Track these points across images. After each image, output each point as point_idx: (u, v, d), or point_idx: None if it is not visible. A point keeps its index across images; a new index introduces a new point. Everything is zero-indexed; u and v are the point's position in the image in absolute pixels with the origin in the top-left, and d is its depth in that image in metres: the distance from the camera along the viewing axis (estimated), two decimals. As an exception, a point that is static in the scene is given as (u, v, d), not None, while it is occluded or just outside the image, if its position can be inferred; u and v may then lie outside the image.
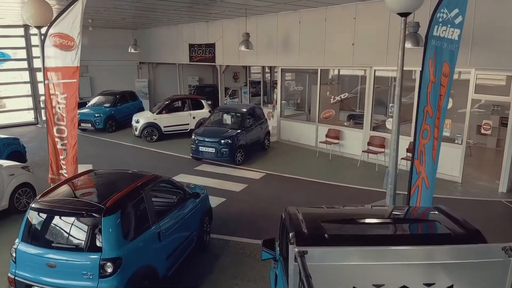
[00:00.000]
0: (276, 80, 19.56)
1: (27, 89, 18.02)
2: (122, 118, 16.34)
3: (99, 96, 17.13)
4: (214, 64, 16.40)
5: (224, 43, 15.58)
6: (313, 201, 8.42)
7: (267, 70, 18.70)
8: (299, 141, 13.41)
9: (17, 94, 18.26)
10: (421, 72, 4.86)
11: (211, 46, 16.18)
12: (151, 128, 14.15)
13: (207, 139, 10.93)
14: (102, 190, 5.05)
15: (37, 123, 17.97)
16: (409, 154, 10.27)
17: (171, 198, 5.53)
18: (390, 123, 10.74)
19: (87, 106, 16.66)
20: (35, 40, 17.74)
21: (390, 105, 10.89)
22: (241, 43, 12.19)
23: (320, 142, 12.14)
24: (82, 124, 15.80)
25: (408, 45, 8.59)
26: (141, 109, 17.68)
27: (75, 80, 6.89)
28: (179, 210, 5.43)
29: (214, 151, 10.80)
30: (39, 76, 18.22)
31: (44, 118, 18.64)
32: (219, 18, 15.07)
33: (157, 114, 14.29)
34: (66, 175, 7.10)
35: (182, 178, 9.95)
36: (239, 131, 11.22)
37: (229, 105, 12.64)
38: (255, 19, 13.86)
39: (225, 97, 19.52)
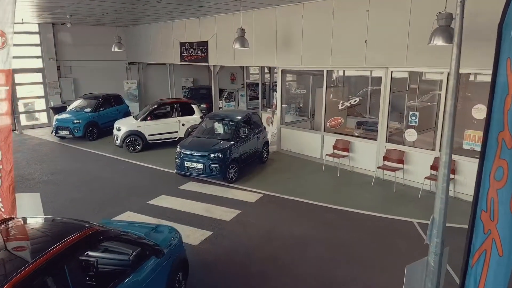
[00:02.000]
0: (276, 82, 18.03)
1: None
2: (105, 125, 14.72)
3: (80, 100, 15.50)
4: (207, 64, 14.75)
5: (218, 41, 13.94)
6: (321, 236, 6.77)
7: (266, 70, 17.03)
8: (302, 152, 11.76)
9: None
10: (493, 81, 3.16)
11: (204, 44, 14.54)
12: (134, 137, 12.50)
13: (194, 153, 9.28)
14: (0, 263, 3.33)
15: (15, 129, 16.32)
16: (434, 173, 8.64)
17: (120, 259, 3.86)
18: (410, 135, 9.09)
19: (66, 111, 15.03)
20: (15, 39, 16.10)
21: (411, 113, 9.22)
22: (236, 41, 10.54)
23: (327, 155, 10.47)
24: (60, 132, 14.25)
25: (439, 41, 6.96)
26: (127, 114, 16.04)
27: (8, 88, 5.25)
28: (133, 277, 3.74)
29: (202, 167, 9.14)
30: (18, 77, 16.65)
31: (22, 123, 17.33)
32: (212, 13, 13.42)
33: (141, 121, 12.64)
34: (2, 209, 5.52)
35: (161, 201, 8.31)
36: (232, 142, 9.56)
37: (221, 112, 11.00)
38: (251, 14, 12.22)
39: (220, 100, 17.89)
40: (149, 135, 12.64)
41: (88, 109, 14.78)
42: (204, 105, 19.02)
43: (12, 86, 15.76)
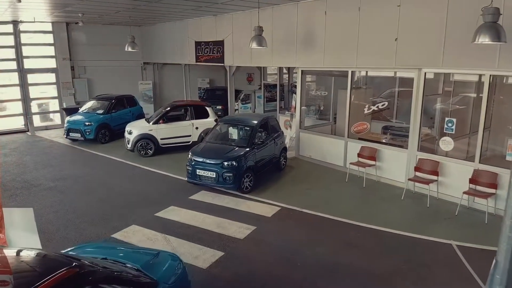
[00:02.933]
0: (295, 83, 17.21)
1: (16, 92, 16.12)
2: (118, 127, 14.19)
3: (93, 101, 15.06)
4: (222, 64, 14.06)
5: (235, 40, 13.23)
6: (349, 263, 5.94)
7: (284, 71, 16.23)
8: (324, 159, 10.92)
9: (5, 98, 16.43)
10: None
11: (220, 44, 13.86)
12: (145, 140, 11.92)
13: (206, 160, 8.58)
14: None
15: (27, 131, 16.05)
16: (473, 187, 7.69)
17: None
18: (446, 144, 8.16)
19: (78, 112, 14.60)
20: (25, 38, 15.85)
21: (446, 119, 8.27)
22: (253, 39, 9.80)
23: (351, 163, 9.60)
24: (71, 134, 13.83)
25: (485, 39, 6.05)
26: (140, 115, 15.52)
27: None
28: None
29: (214, 176, 8.43)
30: (30, 78, 16.38)
31: (37, 124, 17.02)
32: (228, 11, 12.74)
33: (153, 124, 12.04)
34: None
35: (170, 213, 7.66)
36: (247, 149, 8.82)
37: (236, 116, 10.23)
38: (270, 11, 11.46)
39: (236, 102, 17.18)
40: (161, 139, 12.04)
41: (101, 111, 14.31)
42: (220, 107, 18.39)
43: (25, 86, 15.56)
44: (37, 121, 17.28)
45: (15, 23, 15.12)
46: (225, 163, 8.37)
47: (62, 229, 7.06)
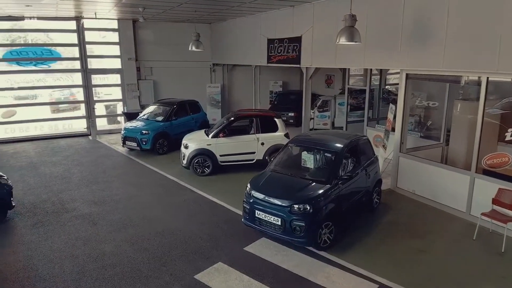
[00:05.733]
0: (389, 89, 14.02)
1: (79, 93, 15.42)
2: (177, 136, 12.33)
3: (153, 106, 13.58)
4: (298, 66, 11.56)
5: (315, 36, 10.66)
6: None
7: (374, 71, 13.07)
8: (434, 198, 7.88)
9: (70, 100, 15.88)
10: None
11: (296, 41, 11.37)
12: (202, 157, 9.94)
13: (270, 199, 6.17)
14: None
15: (89, 134, 15.22)
16: None
17: None
18: None
19: (137, 118, 13.21)
20: (90, 36, 14.98)
21: None
22: (342, 33, 7.18)
23: (484, 214, 6.46)
24: (128, 143, 12.43)
25: None
26: (204, 124, 13.77)
27: None
28: None
29: (280, 224, 5.98)
30: (94, 78, 15.55)
31: (99, 128, 16.23)
32: (310, 0, 10.24)
33: (212, 137, 10.01)
34: None
35: (214, 277, 5.40)
36: (328, 186, 6.21)
37: (313, 135, 7.51)
38: (365, -4, 8.69)
39: (312, 109, 14.55)
40: (220, 156, 9.97)
41: (160, 118, 12.74)
42: (292, 114, 15.98)
43: (89, 87, 14.67)
44: (104, 123, 16.57)
45: (78, 19, 14.26)
46: (295, 207, 5.88)
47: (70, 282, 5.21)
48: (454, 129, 8.98)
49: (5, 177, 7.37)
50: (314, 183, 6.29)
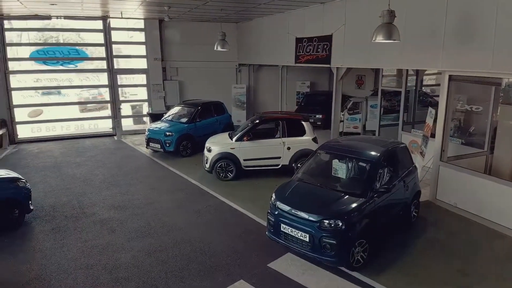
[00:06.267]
0: (425, 91, 13.10)
1: (107, 93, 15.39)
2: (201, 138, 11.93)
3: (178, 107, 13.30)
4: (329, 66, 10.94)
5: (347, 34, 10.02)
6: None
7: (410, 71, 12.20)
8: (480, 213, 7.11)
9: (98, 99, 15.90)
10: None
11: (327, 39, 10.76)
12: (226, 161, 9.51)
13: (296, 212, 5.63)
14: None
15: (115, 135, 15.15)
16: None
17: None
18: None
19: (161, 119, 12.96)
20: (116, 35, 14.89)
21: None
22: (379, 30, 6.55)
23: (542, 235, 5.69)
24: (151, 144, 12.18)
25: None
26: (228, 126, 13.35)
27: None
28: None
29: (308, 240, 5.44)
30: (120, 78, 15.48)
31: (124, 128, 16.16)
32: (341, -5, 9.61)
33: (236, 141, 9.57)
34: None
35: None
36: (362, 200, 5.61)
37: (344, 142, 6.75)
38: (404, -11, 7.98)
39: (342, 112, 13.80)
40: (244, 160, 9.51)
41: (184, 119, 12.43)
42: (320, 116, 15.32)
43: (114, 88, 14.61)
44: (130, 123, 16.49)
45: (105, 18, 14.18)
46: (326, 222, 5.31)
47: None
48: (499, 136, 8.17)
49: (24, 180, 7.18)
50: (346, 196, 5.70)
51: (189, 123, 12.27)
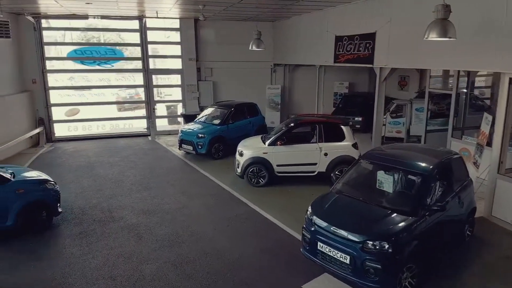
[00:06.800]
0: (476, 94, 11.97)
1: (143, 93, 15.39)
2: (234, 140, 11.48)
3: (211, 109, 13.00)
4: (371, 66, 10.20)
5: (393, 32, 9.24)
6: None
7: (462, 73, 11.12)
8: (547, 236, 6.20)
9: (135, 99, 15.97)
10: None
11: (370, 37, 10.02)
12: (258, 166, 9.04)
13: (335, 230, 5.04)
14: None
15: (149, 135, 15.10)
16: None
17: None
18: None
19: (194, 121, 12.70)
20: (152, 35, 14.83)
21: None
22: (432, 26, 5.84)
23: None
24: (184, 146, 11.96)
25: None
26: (262, 128, 12.91)
27: None
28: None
29: (348, 262, 4.84)
30: (155, 79, 15.42)
31: (159, 129, 16.12)
32: (386, -11, 8.86)
33: (269, 145, 9.07)
34: None
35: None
36: (413, 219, 4.93)
37: (390, 151, 6.04)
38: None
39: (384, 115, 12.92)
40: (277, 165, 9.00)
41: (217, 121, 12.10)
42: (359, 119, 14.51)
43: (149, 88, 14.55)
44: (164, 123, 16.44)
45: (141, 18, 14.14)
46: (370, 244, 4.70)
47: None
48: None
49: (53, 182, 7.06)
50: (394, 214, 5.05)
51: (221, 125, 11.93)
